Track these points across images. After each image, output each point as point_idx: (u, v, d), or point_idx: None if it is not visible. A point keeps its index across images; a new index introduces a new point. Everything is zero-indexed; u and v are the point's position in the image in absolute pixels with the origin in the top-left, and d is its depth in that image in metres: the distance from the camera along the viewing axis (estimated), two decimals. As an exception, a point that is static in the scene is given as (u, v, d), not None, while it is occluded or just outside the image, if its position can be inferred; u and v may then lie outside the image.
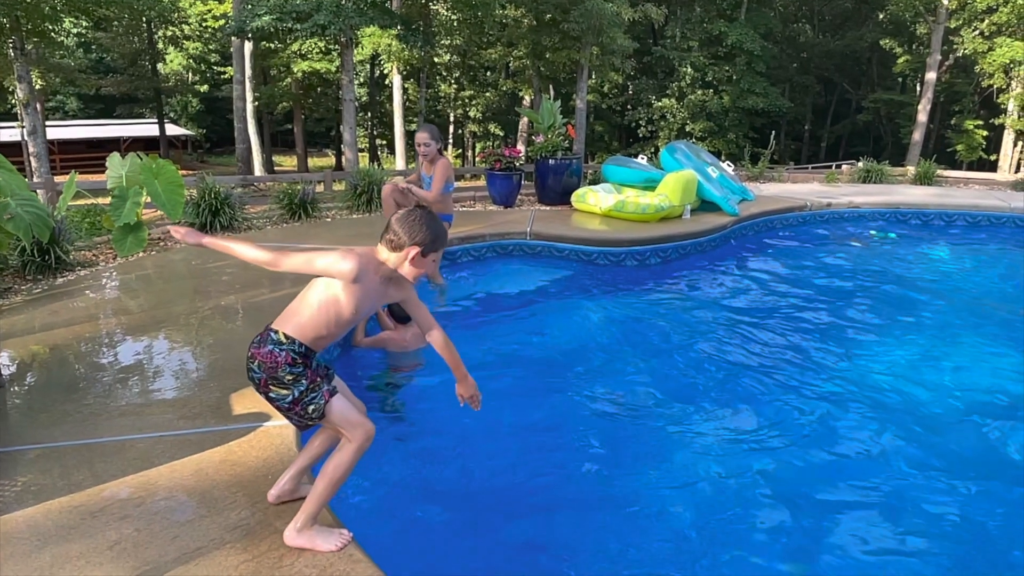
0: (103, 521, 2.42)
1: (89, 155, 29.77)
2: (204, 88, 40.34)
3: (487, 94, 32.15)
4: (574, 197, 8.85)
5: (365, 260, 2.32)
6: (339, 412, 2.31)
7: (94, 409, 3.27)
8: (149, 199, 6.59)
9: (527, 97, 27.48)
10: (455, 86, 33.03)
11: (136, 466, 2.76)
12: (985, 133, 28.36)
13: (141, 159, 6.62)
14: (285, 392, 2.26)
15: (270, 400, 2.31)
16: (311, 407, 2.28)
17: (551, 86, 28.27)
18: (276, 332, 2.27)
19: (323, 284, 2.32)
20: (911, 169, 14.04)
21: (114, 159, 6.71)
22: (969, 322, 5.94)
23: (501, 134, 33.99)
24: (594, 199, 8.45)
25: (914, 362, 5.04)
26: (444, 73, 32.75)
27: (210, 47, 37.32)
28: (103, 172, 6.66)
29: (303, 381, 2.27)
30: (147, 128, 37.15)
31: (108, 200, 6.54)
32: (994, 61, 23.37)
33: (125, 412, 3.24)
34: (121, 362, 3.91)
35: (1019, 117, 25.70)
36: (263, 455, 2.84)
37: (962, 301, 6.55)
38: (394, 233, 2.34)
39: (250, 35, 17.43)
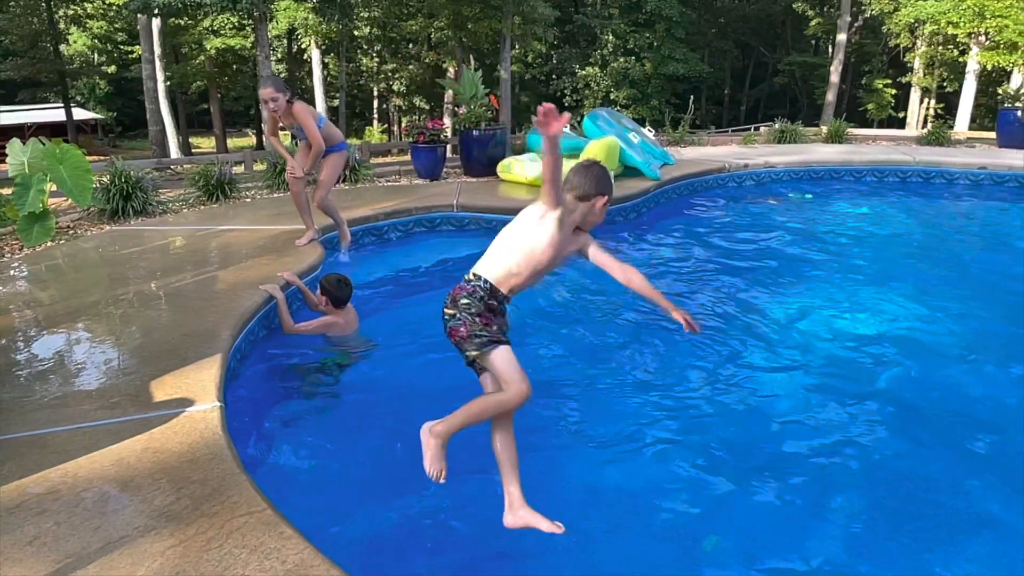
0: (20, 517, 2.36)
1: (-10, 144, 28.13)
2: (112, 69, 38.45)
3: (410, 67, 31.66)
4: (500, 167, 8.87)
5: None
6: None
7: (7, 405, 3.15)
8: (55, 186, 6.33)
9: (451, 69, 27.18)
10: (377, 60, 32.42)
11: (53, 460, 2.69)
12: (894, 92, 29.51)
13: (44, 144, 6.33)
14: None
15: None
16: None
17: (473, 57, 27.99)
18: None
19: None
20: (824, 128, 14.53)
21: (14, 146, 6.40)
22: (876, 270, 6.25)
23: (427, 107, 33.59)
24: (519, 168, 8.48)
25: (821, 310, 5.32)
26: (365, 47, 32.09)
27: (115, 26, 35.54)
28: (5, 160, 6.35)
29: None
30: (53, 113, 35.11)
31: (11, 190, 6.25)
32: (900, 21, 24.20)
33: (41, 406, 3.14)
34: (35, 355, 3.78)
35: (924, 75, 26.80)
36: (187, 440, 2.80)
37: (869, 251, 6.88)
38: (578, 186, 2.75)
39: (156, 11, 16.66)
